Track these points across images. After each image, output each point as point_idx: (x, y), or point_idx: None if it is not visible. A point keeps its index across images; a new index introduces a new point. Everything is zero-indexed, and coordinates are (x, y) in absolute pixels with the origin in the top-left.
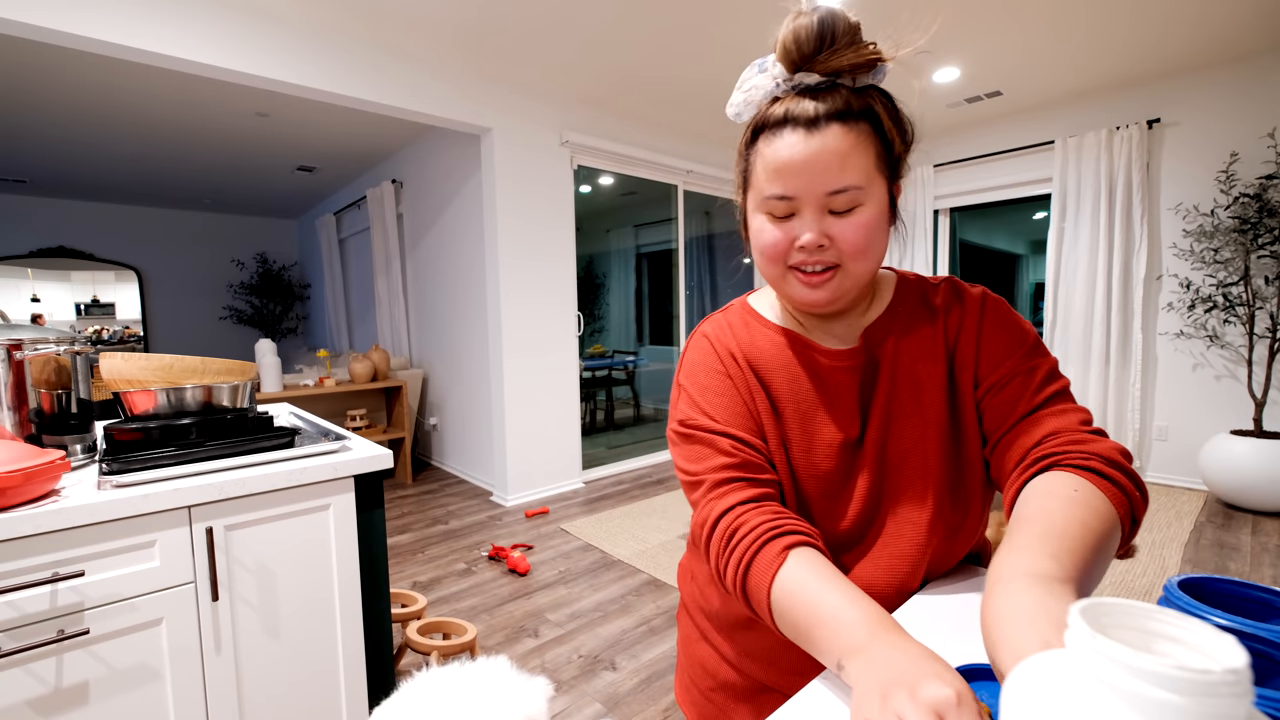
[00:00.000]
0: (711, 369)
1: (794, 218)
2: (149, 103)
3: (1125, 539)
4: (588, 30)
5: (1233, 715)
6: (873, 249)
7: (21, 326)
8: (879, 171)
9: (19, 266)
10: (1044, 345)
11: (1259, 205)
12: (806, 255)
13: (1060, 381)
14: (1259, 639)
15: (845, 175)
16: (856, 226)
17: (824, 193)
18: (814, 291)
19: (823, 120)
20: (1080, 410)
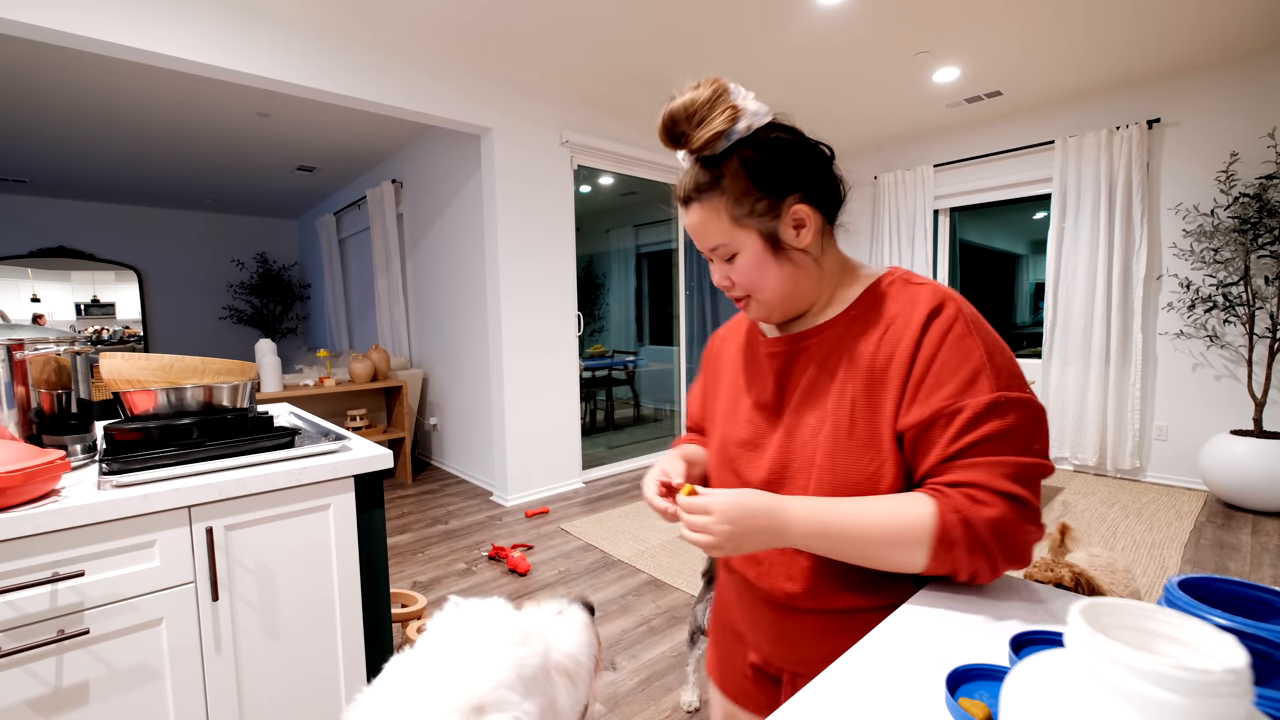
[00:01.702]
0: (703, 360)
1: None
2: (149, 103)
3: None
4: (589, 31)
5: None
6: (764, 282)
7: (22, 326)
8: (738, 225)
9: (19, 266)
10: (985, 376)
11: (1259, 205)
12: (727, 291)
13: (984, 427)
14: (1259, 639)
15: (709, 239)
16: (740, 270)
17: (708, 249)
18: (747, 312)
19: (685, 203)
20: (995, 466)
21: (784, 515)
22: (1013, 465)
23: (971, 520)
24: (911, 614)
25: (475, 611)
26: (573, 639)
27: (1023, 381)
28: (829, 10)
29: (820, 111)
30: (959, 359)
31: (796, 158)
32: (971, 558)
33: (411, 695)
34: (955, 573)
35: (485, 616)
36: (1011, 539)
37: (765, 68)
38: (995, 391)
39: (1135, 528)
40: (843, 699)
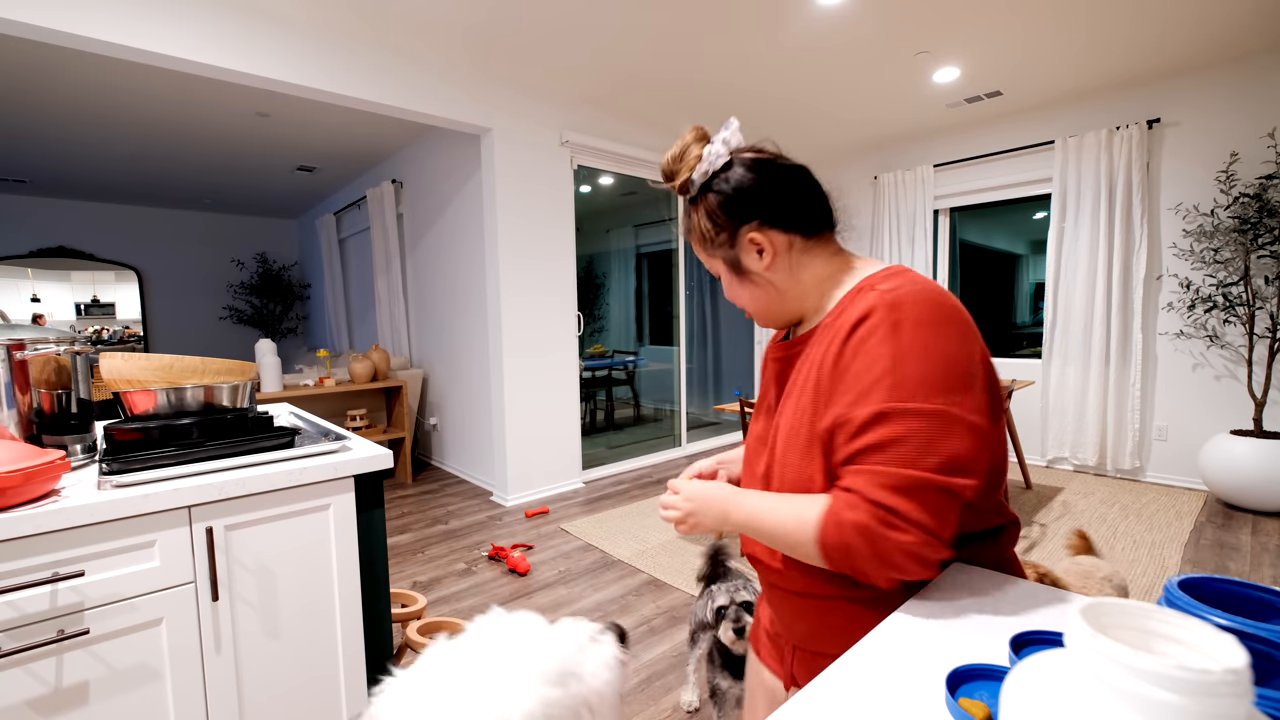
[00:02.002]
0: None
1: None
2: (149, 103)
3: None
4: (590, 32)
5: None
6: (740, 301)
7: (22, 326)
8: (711, 256)
9: (19, 266)
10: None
11: (1259, 205)
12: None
13: (867, 436)
14: (1259, 639)
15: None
16: (727, 289)
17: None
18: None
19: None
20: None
21: (729, 504)
22: (892, 476)
23: (841, 523)
24: (911, 614)
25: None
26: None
27: (934, 392)
28: (829, 10)
29: (820, 111)
30: (862, 368)
31: (751, 190)
32: (843, 558)
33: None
34: (843, 570)
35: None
36: (875, 545)
37: (765, 68)
38: (887, 402)
39: (1135, 528)
40: (843, 699)
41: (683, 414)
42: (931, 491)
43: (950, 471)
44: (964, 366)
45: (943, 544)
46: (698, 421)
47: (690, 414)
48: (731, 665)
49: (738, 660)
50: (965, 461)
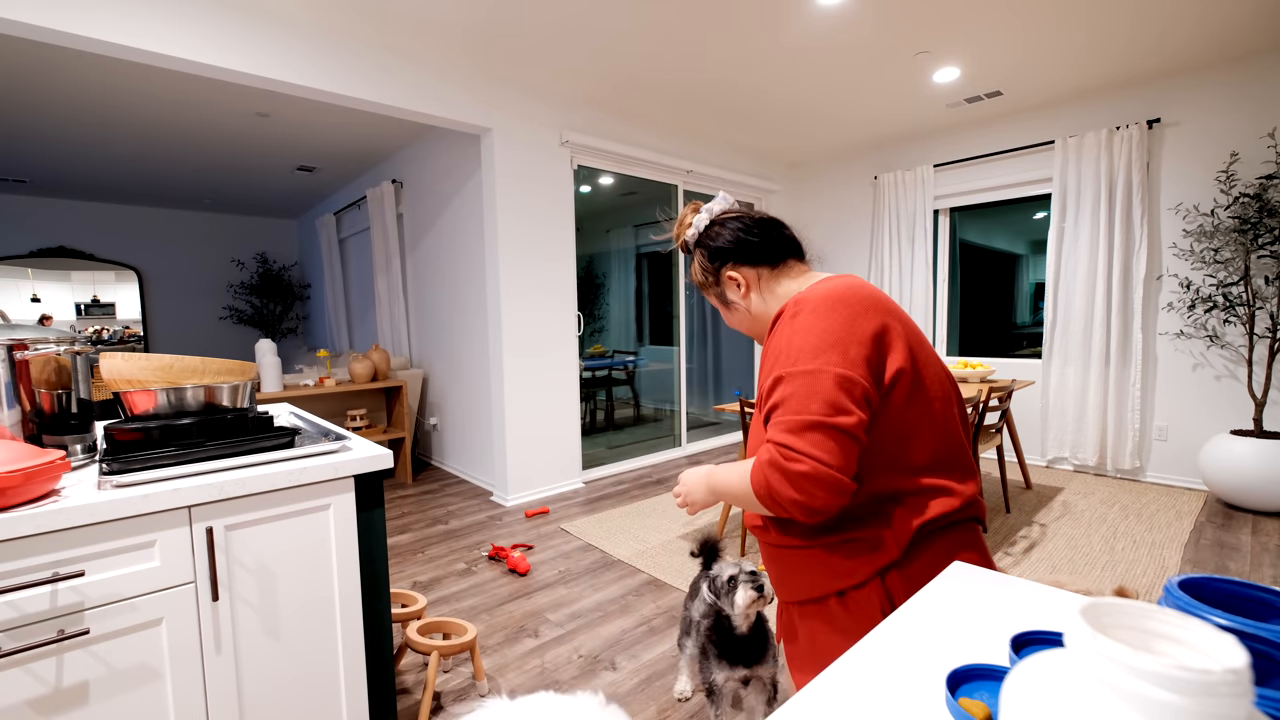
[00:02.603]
0: None
1: None
2: (149, 103)
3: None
4: (590, 33)
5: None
6: (731, 323)
7: (22, 326)
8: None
9: (19, 266)
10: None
11: (1259, 205)
12: None
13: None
14: (1259, 639)
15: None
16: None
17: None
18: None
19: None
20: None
21: (710, 477)
22: (786, 423)
23: (760, 465)
24: (911, 614)
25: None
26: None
27: (814, 355)
28: (829, 10)
29: (820, 111)
30: (769, 350)
31: (725, 241)
32: (767, 495)
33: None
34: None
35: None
36: (783, 475)
37: (766, 68)
38: (780, 370)
39: (1135, 528)
40: (843, 699)
41: (683, 414)
42: (816, 430)
43: (831, 413)
44: (838, 335)
45: (835, 470)
46: (698, 421)
47: (690, 414)
48: (730, 654)
49: (735, 649)
50: (841, 404)
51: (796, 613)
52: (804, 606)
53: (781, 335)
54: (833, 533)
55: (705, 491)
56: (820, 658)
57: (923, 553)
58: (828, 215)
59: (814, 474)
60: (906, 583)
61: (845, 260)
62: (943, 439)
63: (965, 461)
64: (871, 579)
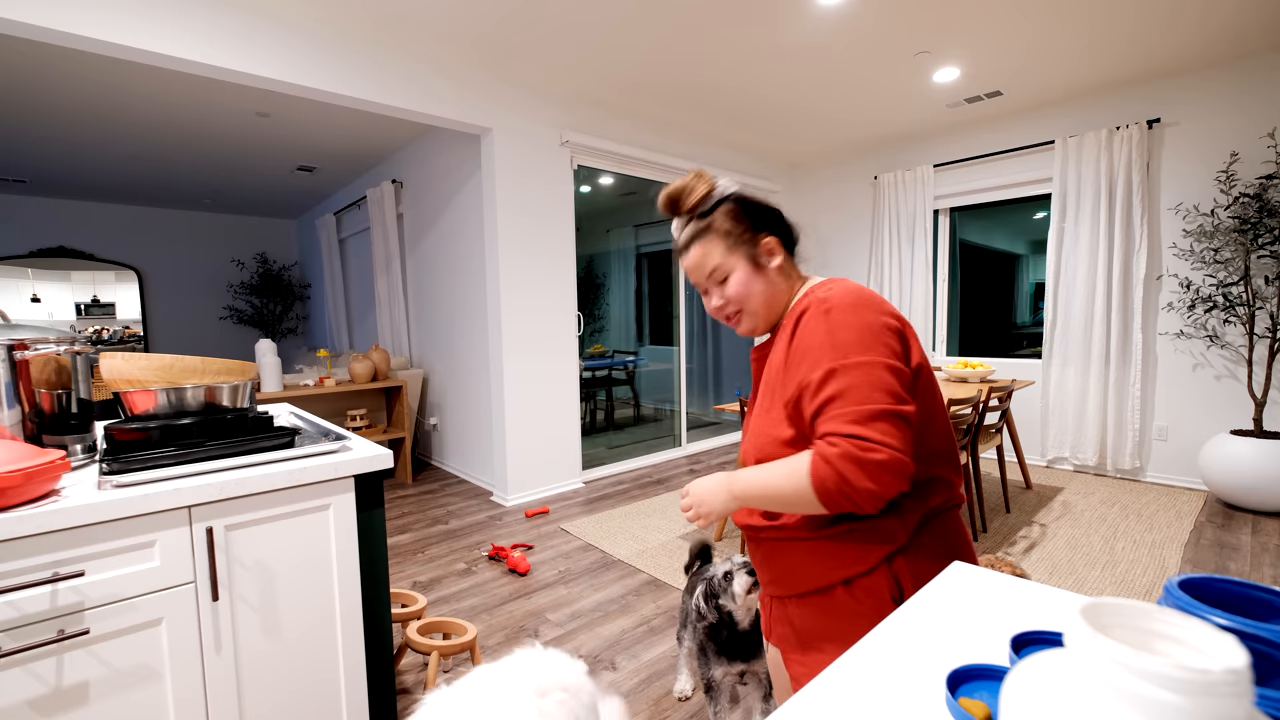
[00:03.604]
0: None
1: (707, 294)
2: (149, 103)
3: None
4: (590, 32)
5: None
6: (752, 293)
7: (23, 326)
8: (731, 250)
9: (19, 266)
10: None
11: (1259, 205)
12: (718, 313)
13: (826, 390)
14: (1259, 639)
15: (708, 264)
16: (733, 285)
17: (705, 277)
18: (738, 327)
19: (686, 247)
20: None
21: (730, 483)
22: (850, 413)
23: (829, 459)
24: (911, 614)
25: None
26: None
27: (869, 348)
28: (829, 10)
29: (820, 111)
30: (807, 344)
31: (761, 208)
32: (840, 487)
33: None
34: (839, 504)
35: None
36: (861, 467)
37: (766, 68)
38: (832, 363)
39: (1135, 528)
40: (843, 699)
41: (683, 414)
42: (884, 419)
43: (894, 401)
44: (877, 330)
45: (906, 458)
46: (698, 421)
47: (690, 414)
48: (727, 650)
49: (732, 645)
50: (900, 392)
51: (794, 606)
52: (805, 599)
53: (817, 331)
54: (841, 521)
55: (726, 499)
56: (825, 646)
57: (924, 538)
58: (828, 215)
59: (891, 462)
60: (912, 568)
61: (845, 260)
62: (944, 430)
63: (956, 451)
64: (879, 565)
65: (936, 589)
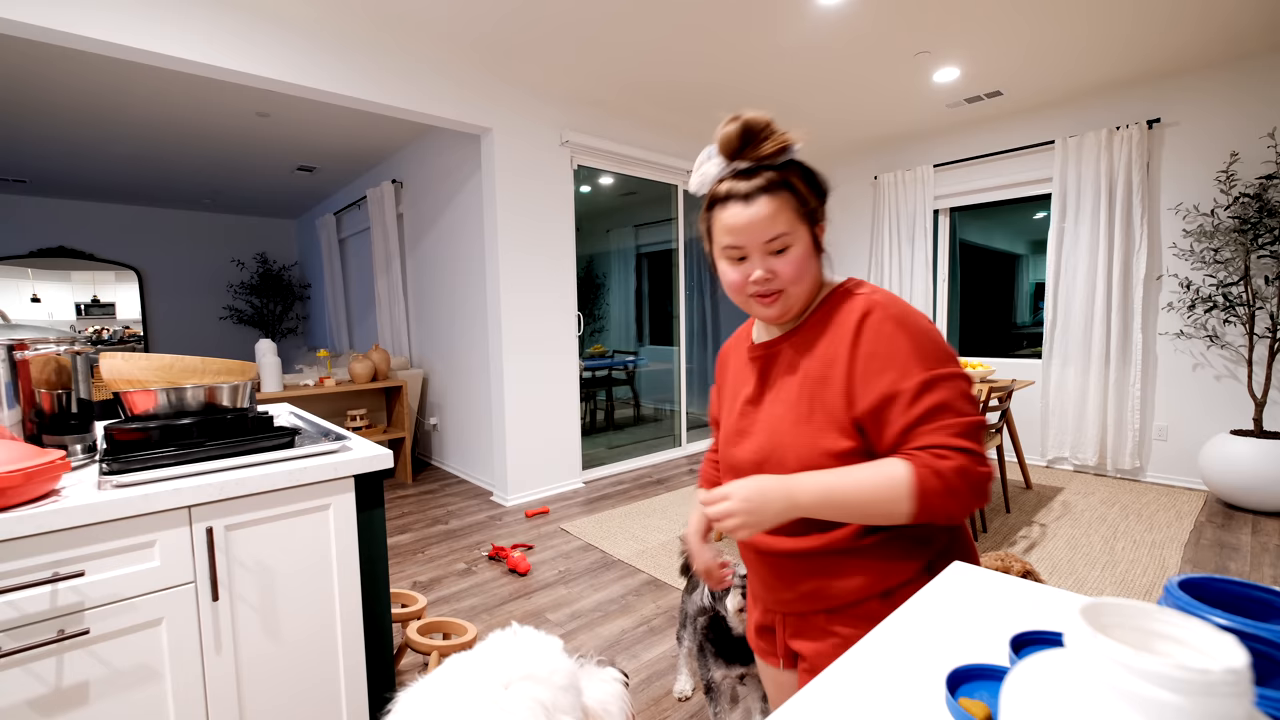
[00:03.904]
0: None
1: (745, 260)
2: (149, 103)
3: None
4: (590, 32)
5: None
6: (805, 276)
7: (22, 326)
8: (800, 220)
9: (19, 266)
10: (914, 362)
11: (1259, 205)
12: (759, 286)
13: (925, 401)
14: (1259, 639)
15: (775, 227)
16: (790, 262)
17: (762, 241)
18: (768, 309)
19: (754, 195)
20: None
21: (792, 490)
22: (957, 426)
23: (941, 471)
24: (911, 614)
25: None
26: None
27: (951, 359)
28: (829, 10)
29: (820, 111)
30: (887, 351)
31: (823, 186)
32: (945, 500)
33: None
34: (934, 516)
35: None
36: (972, 480)
37: (766, 68)
38: (926, 373)
39: (1135, 528)
40: (843, 699)
41: (683, 414)
42: (980, 430)
43: (981, 414)
44: (946, 343)
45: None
46: (698, 421)
47: (690, 414)
48: (726, 652)
49: (731, 647)
50: (978, 405)
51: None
52: (835, 614)
53: (896, 338)
54: (881, 530)
55: (784, 508)
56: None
57: (953, 543)
58: (828, 215)
59: (990, 476)
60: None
61: (846, 260)
62: None
63: None
64: (920, 574)
65: (937, 589)
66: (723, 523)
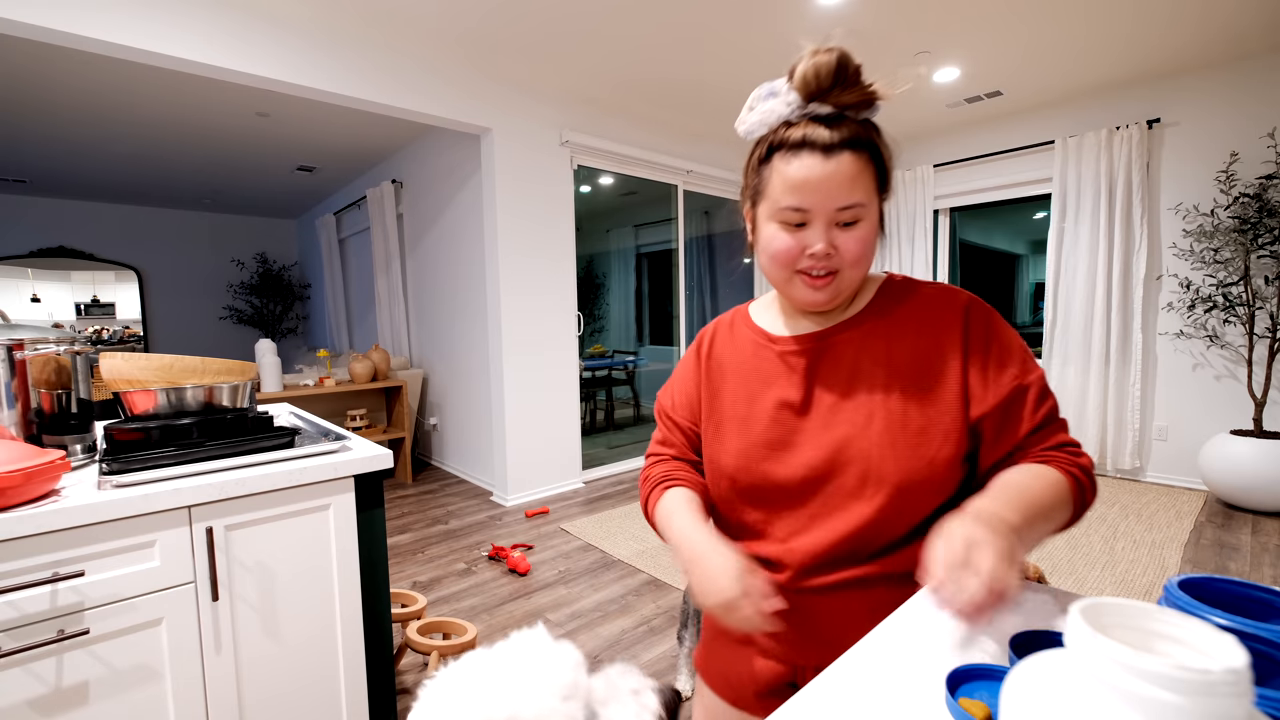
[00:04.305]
0: (687, 362)
1: (804, 228)
2: (149, 103)
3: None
4: (589, 32)
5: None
6: (867, 257)
7: (22, 326)
8: (874, 194)
9: (19, 266)
10: (1028, 355)
11: (1259, 205)
12: (814, 261)
13: (1049, 398)
14: (1259, 639)
15: (854, 194)
16: (858, 239)
17: (834, 208)
18: (816, 293)
19: (837, 147)
20: (1063, 425)
21: (1007, 525)
22: (1065, 423)
23: (1086, 468)
24: (911, 614)
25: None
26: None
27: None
28: (828, 9)
29: None
30: (1006, 344)
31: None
32: (1090, 501)
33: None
34: (1079, 520)
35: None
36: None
37: (766, 67)
38: (1035, 370)
39: (1135, 528)
40: (843, 699)
41: None
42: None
43: None
44: None
45: None
46: None
47: None
48: None
49: None
50: None
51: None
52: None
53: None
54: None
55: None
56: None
57: None
58: None
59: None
60: None
61: None
62: None
63: None
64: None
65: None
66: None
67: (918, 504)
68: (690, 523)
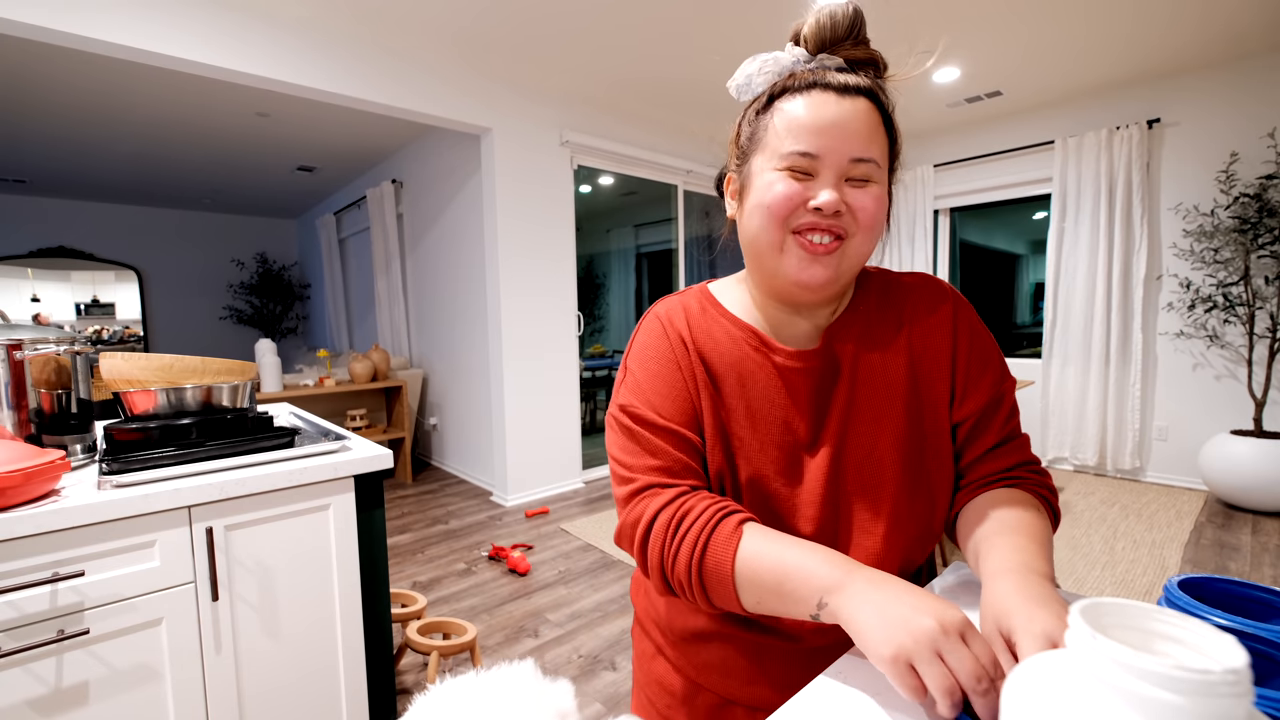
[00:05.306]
0: (662, 355)
1: (810, 180)
2: (149, 103)
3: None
4: (588, 32)
5: (1233, 715)
6: (878, 228)
7: (22, 326)
8: (886, 157)
9: (19, 266)
10: (1004, 361)
11: (1259, 205)
12: (819, 218)
13: (1016, 413)
14: (1259, 639)
15: (870, 146)
16: (873, 198)
17: (848, 158)
18: (813, 265)
19: (850, 90)
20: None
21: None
22: (1028, 438)
23: (1054, 489)
24: None
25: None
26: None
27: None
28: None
29: None
30: (986, 346)
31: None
32: (1058, 522)
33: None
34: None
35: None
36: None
37: None
38: (1008, 378)
39: (1135, 528)
40: (842, 699)
41: None
42: None
43: None
44: None
45: None
46: None
47: None
48: None
49: None
50: None
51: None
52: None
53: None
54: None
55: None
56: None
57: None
58: None
59: None
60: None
61: None
62: None
63: None
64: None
65: (937, 589)
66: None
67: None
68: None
